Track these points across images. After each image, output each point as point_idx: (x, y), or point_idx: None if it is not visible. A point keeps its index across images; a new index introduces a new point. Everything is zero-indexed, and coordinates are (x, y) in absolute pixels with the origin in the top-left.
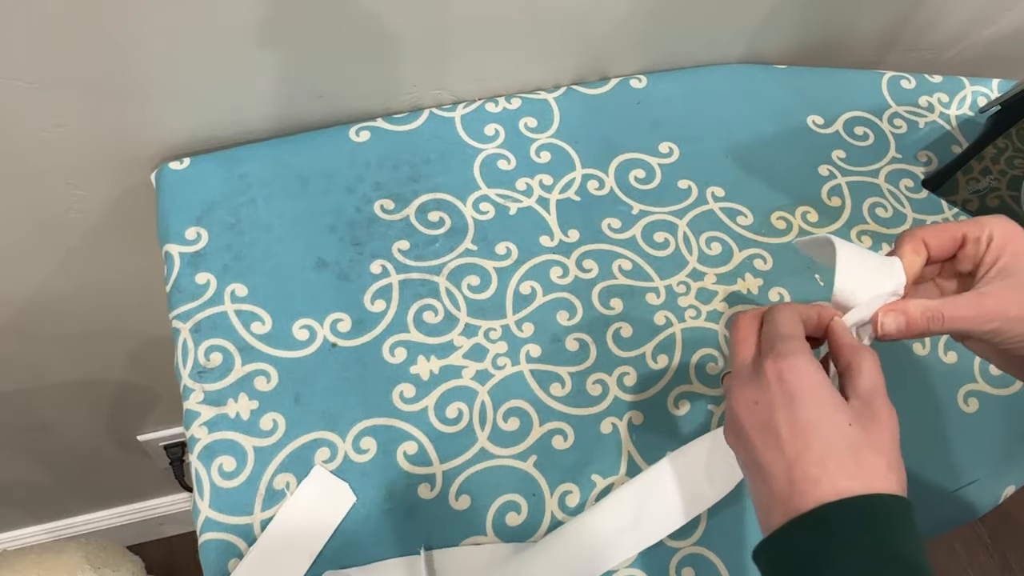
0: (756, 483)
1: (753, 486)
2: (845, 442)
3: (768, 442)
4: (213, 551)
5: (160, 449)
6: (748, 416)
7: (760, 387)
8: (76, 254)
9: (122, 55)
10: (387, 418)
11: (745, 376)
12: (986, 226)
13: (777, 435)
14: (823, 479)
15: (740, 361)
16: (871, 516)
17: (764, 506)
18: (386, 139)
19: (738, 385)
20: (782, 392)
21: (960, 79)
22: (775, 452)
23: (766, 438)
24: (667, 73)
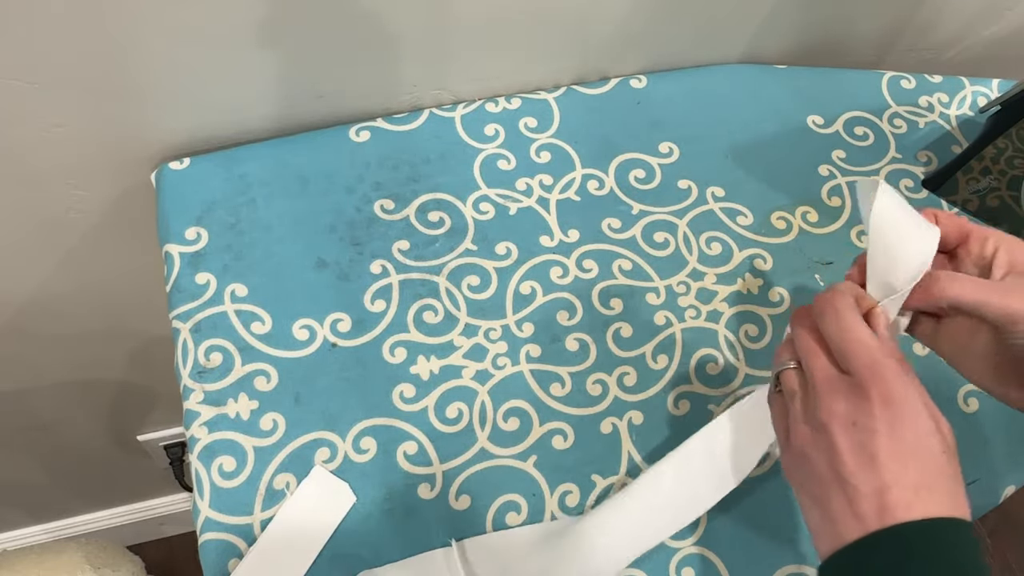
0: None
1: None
2: (939, 471)
3: (862, 463)
4: (213, 551)
5: (160, 449)
6: (843, 434)
7: (862, 410)
8: (76, 254)
9: (122, 55)
10: (387, 418)
11: (840, 390)
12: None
13: (874, 457)
14: (915, 505)
15: (823, 371)
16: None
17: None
18: (386, 139)
19: (831, 399)
20: (887, 417)
21: (960, 79)
22: (868, 473)
23: (860, 459)
24: (667, 73)
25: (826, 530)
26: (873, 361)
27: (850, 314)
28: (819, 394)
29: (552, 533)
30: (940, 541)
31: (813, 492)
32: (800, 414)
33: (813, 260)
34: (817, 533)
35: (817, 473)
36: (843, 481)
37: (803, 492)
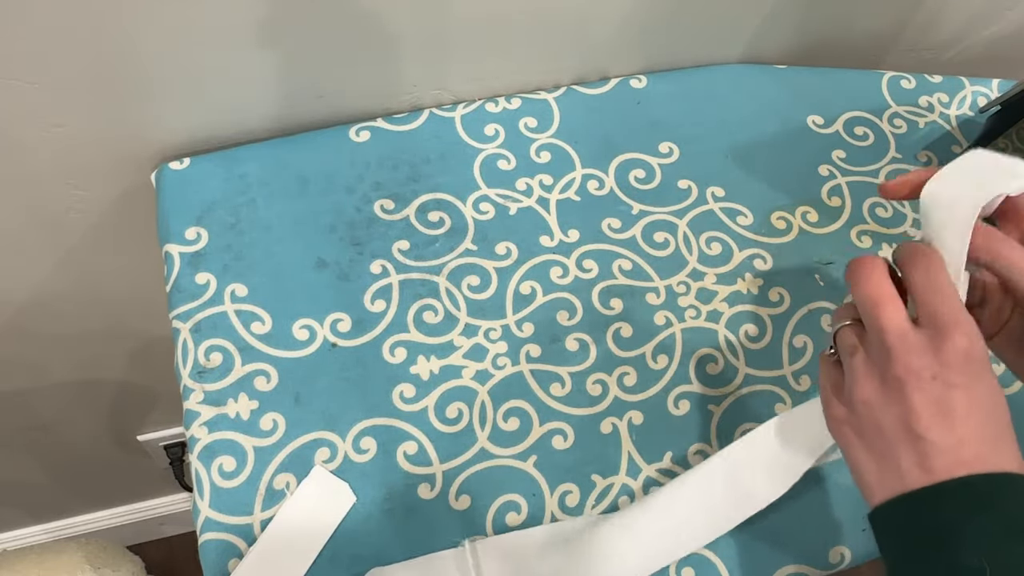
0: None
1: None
2: (1008, 426)
3: (939, 418)
4: (213, 551)
5: (160, 449)
6: (920, 389)
7: (942, 363)
8: (76, 254)
9: (122, 55)
10: (387, 418)
11: (917, 344)
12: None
13: (952, 412)
14: (990, 459)
15: (898, 324)
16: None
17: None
18: (386, 139)
19: (905, 351)
20: (968, 372)
21: (960, 79)
22: (945, 429)
23: (937, 414)
24: (667, 73)
25: (885, 482)
26: (959, 313)
27: (943, 270)
28: (892, 347)
29: (564, 535)
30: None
31: (873, 445)
32: (863, 368)
33: (813, 260)
34: (872, 483)
35: (883, 427)
36: (916, 437)
37: (859, 446)
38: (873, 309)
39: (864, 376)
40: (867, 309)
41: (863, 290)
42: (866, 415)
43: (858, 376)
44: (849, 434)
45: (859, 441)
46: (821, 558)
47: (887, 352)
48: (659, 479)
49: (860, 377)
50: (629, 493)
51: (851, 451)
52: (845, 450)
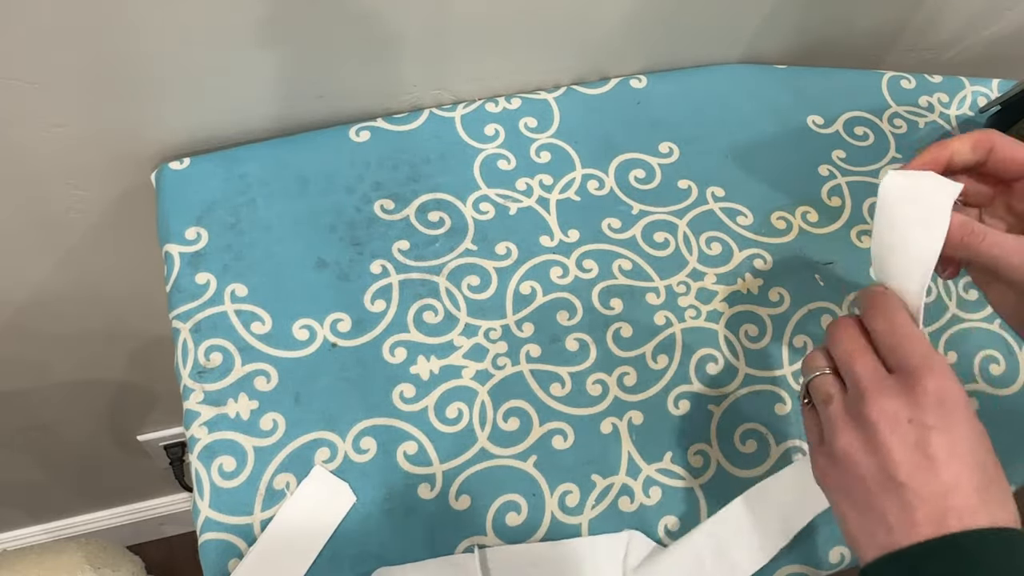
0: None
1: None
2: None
3: (919, 464)
4: (213, 551)
5: (160, 449)
6: (896, 433)
7: (916, 405)
8: (76, 254)
9: (122, 55)
10: (387, 418)
11: (890, 387)
12: None
13: (933, 457)
14: (980, 510)
15: (871, 371)
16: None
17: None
18: (386, 139)
19: (881, 397)
20: (943, 415)
21: (960, 79)
22: (927, 475)
23: (917, 460)
24: (667, 73)
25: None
26: (927, 355)
27: (902, 311)
28: (866, 392)
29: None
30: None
31: (856, 498)
32: (841, 416)
33: (813, 260)
34: (858, 538)
35: (863, 477)
36: (898, 485)
37: (842, 498)
38: (847, 362)
39: (842, 425)
40: (842, 365)
41: (838, 344)
42: (847, 466)
43: (836, 425)
44: (834, 489)
45: (843, 495)
46: (821, 558)
47: (861, 396)
48: (659, 479)
49: (838, 426)
50: (629, 493)
51: (836, 504)
52: (833, 508)
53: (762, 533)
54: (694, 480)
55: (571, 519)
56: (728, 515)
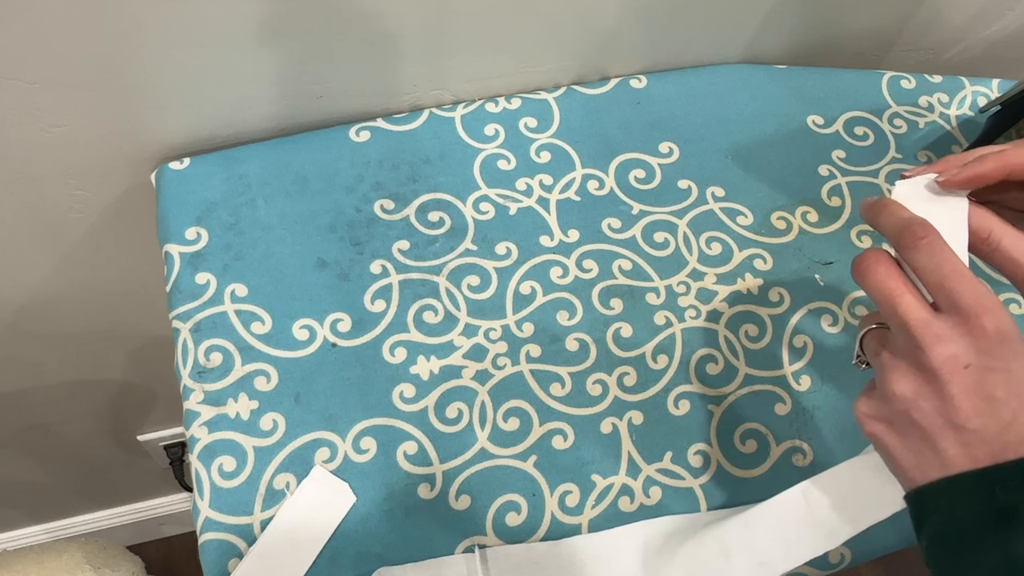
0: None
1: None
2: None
3: (980, 406)
4: (213, 551)
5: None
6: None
7: (976, 348)
8: (76, 254)
9: (122, 55)
10: (387, 418)
11: (944, 332)
12: None
13: (992, 396)
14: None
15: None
16: None
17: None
18: (386, 139)
19: (937, 344)
20: (1004, 352)
21: (960, 79)
22: (987, 417)
23: (977, 401)
24: (667, 73)
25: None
26: (981, 293)
27: (946, 245)
28: (919, 338)
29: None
30: None
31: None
32: (891, 363)
33: (813, 260)
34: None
35: (918, 421)
36: (957, 427)
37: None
38: (889, 303)
39: (893, 371)
40: (883, 304)
41: (872, 285)
42: (900, 409)
43: (887, 372)
44: (882, 430)
45: (895, 436)
46: (821, 558)
47: (915, 344)
48: (659, 479)
49: (889, 373)
50: (629, 493)
51: (888, 447)
52: (877, 442)
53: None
54: (694, 480)
55: (571, 519)
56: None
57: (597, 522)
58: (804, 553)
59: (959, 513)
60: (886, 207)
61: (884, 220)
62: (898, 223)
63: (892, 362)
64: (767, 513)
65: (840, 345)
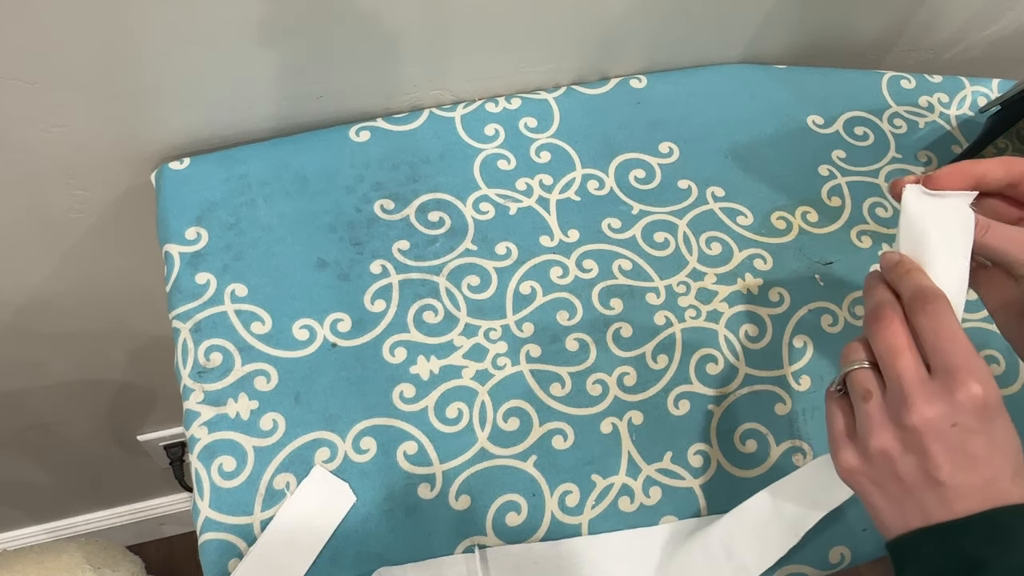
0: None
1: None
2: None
3: (962, 464)
4: (213, 551)
5: (160, 449)
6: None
7: (959, 410)
8: (76, 254)
9: (122, 55)
10: (387, 418)
11: (934, 393)
12: None
13: (973, 457)
14: (1015, 493)
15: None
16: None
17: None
18: (386, 139)
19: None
20: (985, 417)
21: (960, 79)
22: (969, 473)
23: (960, 460)
24: (667, 73)
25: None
26: (970, 357)
27: (949, 311)
28: (909, 395)
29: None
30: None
31: (891, 493)
32: (879, 416)
33: (813, 260)
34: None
35: (900, 476)
36: (937, 484)
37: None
38: (891, 356)
39: (880, 425)
40: (885, 357)
41: (880, 336)
42: (883, 465)
43: (874, 424)
44: (865, 483)
45: (876, 488)
46: (821, 558)
47: (904, 400)
48: (659, 479)
49: (876, 426)
50: (629, 493)
51: (869, 497)
52: (862, 496)
53: (771, 533)
54: (694, 480)
55: (571, 519)
56: (739, 514)
57: (597, 522)
58: (775, 553)
59: (933, 564)
60: (909, 272)
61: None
62: (913, 288)
63: (879, 417)
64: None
65: (840, 345)
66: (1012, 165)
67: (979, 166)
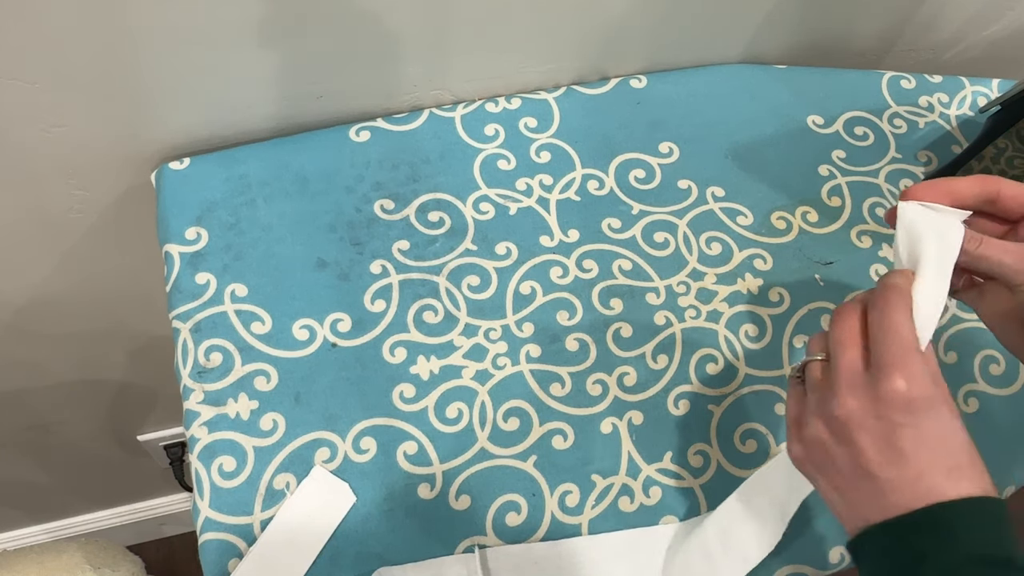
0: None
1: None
2: (964, 449)
3: (889, 457)
4: (213, 551)
5: (160, 449)
6: (864, 429)
7: (882, 404)
8: (76, 254)
9: (122, 55)
10: (387, 418)
11: (860, 385)
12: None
13: (901, 450)
14: (948, 488)
15: (848, 366)
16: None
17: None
18: (386, 139)
19: (848, 392)
20: (910, 412)
21: (960, 79)
22: (896, 467)
23: (887, 453)
24: (667, 73)
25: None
26: (904, 354)
27: (899, 306)
28: (837, 387)
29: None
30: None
31: (834, 482)
32: (815, 406)
33: (813, 260)
34: (842, 515)
35: (838, 465)
36: (870, 475)
37: (821, 479)
38: (835, 351)
39: (814, 414)
40: (831, 351)
41: (834, 332)
42: (820, 453)
43: (810, 415)
44: (810, 469)
45: (821, 476)
46: (821, 558)
47: (833, 392)
48: (659, 479)
49: (810, 415)
50: (629, 493)
51: (817, 485)
52: (813, 484)
53: (764, 520)
54: (694, 480)
55: (571, 519)
56: (729, 508)
57: (597, 522)
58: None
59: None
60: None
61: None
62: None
63: (814, 407)
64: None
65: None
66: (987, 183)
67: (953, 182)
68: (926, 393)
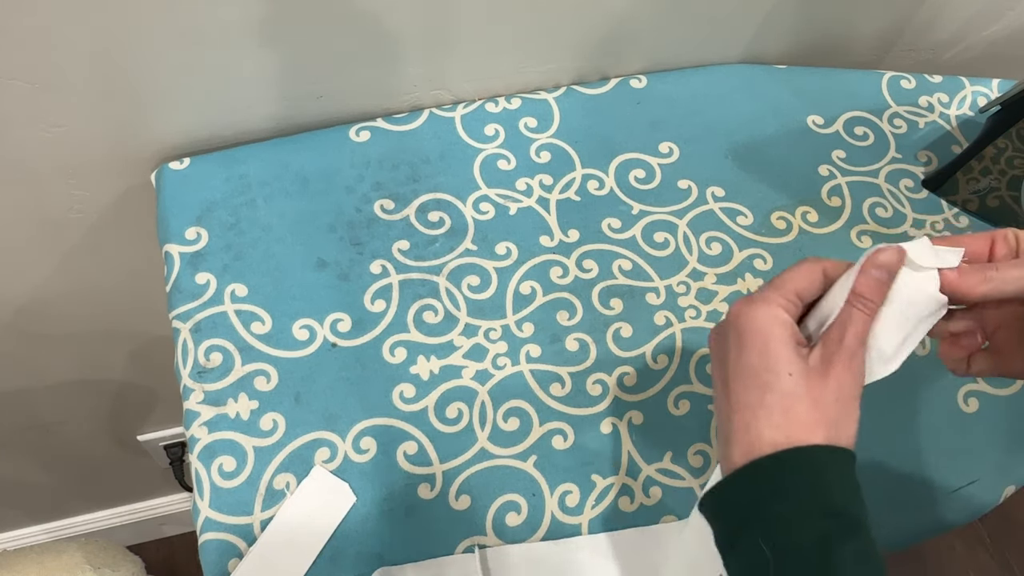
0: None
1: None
2: (778, 393)
3: (717, 385)
4: (213, 551)
5: (160, 449)
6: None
7: (721, 328)
8: (76, 254)
9: (122, 55)
10: (387, 418)
11: (715, 331)
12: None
13: (724, 380)
14: (752, 427)
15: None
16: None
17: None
18: (386, 139)
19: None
20: (735, 336)
21: (960, 79)
22: (721, 397)
23: (716, 381)
24: (667, 73)
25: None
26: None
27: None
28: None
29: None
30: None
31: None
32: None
33: None
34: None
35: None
36: (716, 407)
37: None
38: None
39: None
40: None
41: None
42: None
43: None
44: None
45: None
46: None
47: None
48: (659, 479)
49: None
50: (629, 493)
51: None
52: None
53: None
54: (694, 480)
55: (571, 519)
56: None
57: (597, 522)
58: None
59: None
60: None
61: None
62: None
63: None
64: None
65: None
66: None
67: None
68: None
